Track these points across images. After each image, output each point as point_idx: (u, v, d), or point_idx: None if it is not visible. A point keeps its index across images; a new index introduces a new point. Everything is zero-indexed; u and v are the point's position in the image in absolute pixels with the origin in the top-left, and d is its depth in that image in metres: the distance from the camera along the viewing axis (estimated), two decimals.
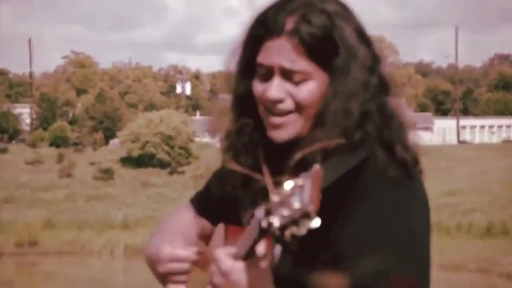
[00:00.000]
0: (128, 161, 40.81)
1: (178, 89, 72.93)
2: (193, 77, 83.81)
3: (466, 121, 65.23)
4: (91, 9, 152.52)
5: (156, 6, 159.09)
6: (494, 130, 65.38)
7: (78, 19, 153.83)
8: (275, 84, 1.63)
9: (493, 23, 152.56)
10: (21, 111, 63.35)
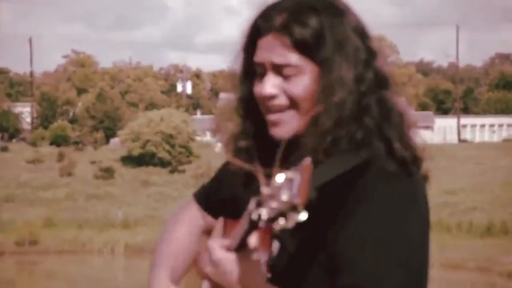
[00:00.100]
0: (129, 160, 40.77)
1: (179, 88, 72.85)
2: (194, 76, 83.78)
3: (467, 120, 65.17)
4: (92, 9, 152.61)
5: (157, 6, 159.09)
6: (495, 129, 65.31)
7: (79, 19, 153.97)
8: (267, 80, 1.64)
9: (494, 22, 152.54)
10: (22, 110, 63.38)
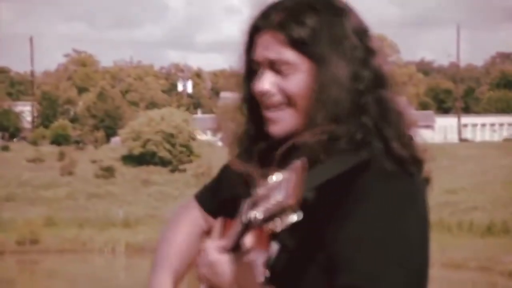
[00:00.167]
0: (129, 159, 40.77)
1: (180, 88, 72.88)
2: (195, 75, 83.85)
3: (468, 119, 65.17)
4: (93, 8, 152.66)
5: (157, 5, 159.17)
6: (496, 128, 65.31)
7: (80, 18, 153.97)
8: (263, 77, 1.64)
9: (495, 22, 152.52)
10: (23, 109, 63.38)
